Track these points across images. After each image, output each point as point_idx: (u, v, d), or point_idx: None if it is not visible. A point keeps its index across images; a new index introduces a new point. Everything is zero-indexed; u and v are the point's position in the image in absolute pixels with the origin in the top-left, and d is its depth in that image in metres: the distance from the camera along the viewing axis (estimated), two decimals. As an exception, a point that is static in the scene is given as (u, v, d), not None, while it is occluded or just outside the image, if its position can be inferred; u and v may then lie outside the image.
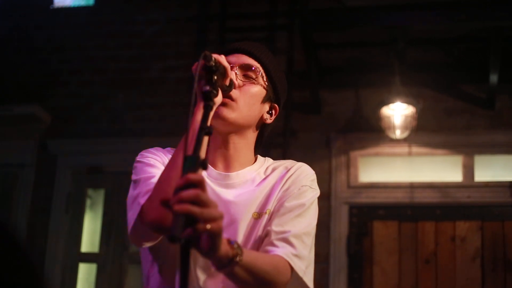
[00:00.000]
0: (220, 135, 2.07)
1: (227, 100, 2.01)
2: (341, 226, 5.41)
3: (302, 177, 2.09)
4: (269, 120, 2.16)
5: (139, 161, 2.07)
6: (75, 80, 6.21)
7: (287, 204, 2.02)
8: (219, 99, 1.89)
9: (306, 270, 1.97)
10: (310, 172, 2.12)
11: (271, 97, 2.15)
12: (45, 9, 6.50)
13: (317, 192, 2.10)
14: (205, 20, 6.15)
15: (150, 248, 2.03)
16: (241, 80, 2.08)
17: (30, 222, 5.77)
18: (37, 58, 6.31)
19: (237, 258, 1.75)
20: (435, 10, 5.07)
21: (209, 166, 2.08)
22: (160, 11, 6.27)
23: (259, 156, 2.19)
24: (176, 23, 6.21)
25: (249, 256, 1.80)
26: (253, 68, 2.10)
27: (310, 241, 2.01)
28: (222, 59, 1.92)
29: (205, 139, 1.70)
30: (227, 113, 2.02)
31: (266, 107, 2.14)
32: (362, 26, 5.30)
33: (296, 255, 1.95)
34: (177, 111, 5.76)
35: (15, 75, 6.27)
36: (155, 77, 6.07)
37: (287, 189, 2.06)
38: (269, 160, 2.19)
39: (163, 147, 2.15)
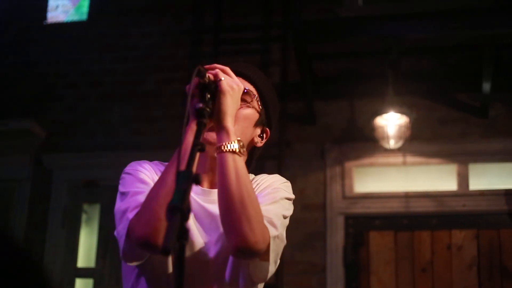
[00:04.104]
0: (209, 157, 2.05)
1: None
2: (337, 237, 5.42)
3: (275, 181, 2.11)
4: (259, 143, 2.15)
5: (128, 173, 2.06)
6: (70, 94, 6.22)
7: (261, 197, 2.02)
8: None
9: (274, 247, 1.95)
10: (283, 180, 2.13)
11: (264, 121, 2.13)
12: (39, 24, 6.52)
13: (290, 195, 2.10)
14: (200, 33, 6.17)
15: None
16: None
17: (26, 237, 5.77)
18: (32, 72, 6.33)
19: (240, 145, 1.91)
20: (428, 19, 5.10)
21: None
22: (155, 24, 6.29)
23: None
24: (171, 36, 6.24)
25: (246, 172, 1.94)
26: (248, 91, 2.08)
27: (280, 223, 1.98)
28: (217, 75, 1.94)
29: (197, 155, 1.71)
30: None
31: (258, 130, 2.13)
32: (355, 37, 5.33)
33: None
34: (173, 124, 5.77)
35: (10, 90, 6.28)
36: (150, 90, 6.09)
37: (261, 191, 2.06)
38: (251, 176, 2.17)
39: (159, 160, 2.15)
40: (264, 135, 2.16)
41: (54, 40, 6.44)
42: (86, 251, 5.89)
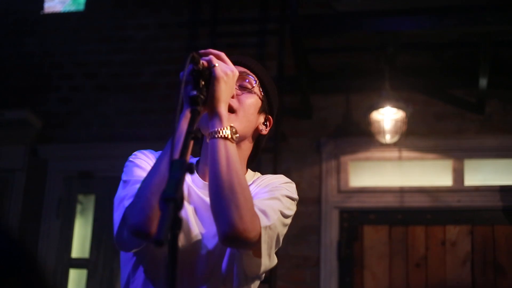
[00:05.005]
0: None
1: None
2: (331, 231, 5.42)
3: (278, 180, 2.09)
4: (264, 131, 2.14)
5: (131, 161, 2.06)
6: (66, 85, 6.21)
7: (261, 194, 2.01)
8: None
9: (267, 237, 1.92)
10: (287, 180, 2.12)
11: (266, 108, 2.14)
12: (36, 14, 6.50)
13: (293, 195, 2.08)
14: (196, 26, 6.16)
15: (135, 251, 2.02)
16: (237, 90, 2.08)
17: (20, 227, 5.76)
18: (28, 63, 6.31)
19: (232, 132, 1.89)
20: (424, 15, 5.09)
21: (198, 176, 2.08)
22: (151, 16, 6.28)
23: (249, 170, 2.18)
24: (168, 28, 6.22)
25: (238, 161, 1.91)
26: (248, 79, 2.09)
27: (276, 218, 1.95)
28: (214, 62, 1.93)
29: (191, 143, 1.70)
30: None
31: (262, 118, 2.13)
32: (352, 31, 5.31)
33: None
34: (168, 116, 5.77)
35: (6, 80, 6.27)
36: (146, 82, 6.08)
37: (264, 187, 2.05)
38: (257, 175, 2.18)
39: (151, 150, 2.14)
40: (268, 123, 2.16)
41: (50, 30, 6.42)
42: (80, 242, 5.88)
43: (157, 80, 6.06)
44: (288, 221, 2.04)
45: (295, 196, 2.10)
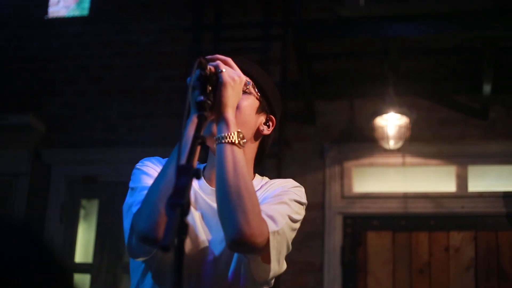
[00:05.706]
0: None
1: None
2: (335, 237, 5.42)
3: (287, 185, 2.08)
4: (266, 131, 2.10)
5: (138, 169, 2.05)
6: (70, 89, 6.21)
7: (269, 198, 1.99)
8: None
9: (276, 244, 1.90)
10: (296, 184, 2.10)
11: (266, 108, 2.11)
12: (40, 19, 6.51)
13: (302, 199, 2.07)
14: (200, 30, 6.17)
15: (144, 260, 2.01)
16: None
17: (24, 232, 5.75)
18: (32, 67, 6.32)
19: (239, 137, 1.88)
20: (428, 20, 5.09)
21: (205, 182, 2.07)
22: (155, 21, 6.28)
23: (257, 175, 2.16)
24: (171, 33, 6.23)
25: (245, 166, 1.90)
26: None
27: (284, 222, 1.93)
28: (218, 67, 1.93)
29: (198, 149, 1.70)
30: None
31: (262, 118, 2.10)
32: (355, 37, 5.31)
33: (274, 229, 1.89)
34: (172, 121, 5.77)
35: (10, 84, 6.27)
36: (150, 87, 6.08)
37: (272, 192, 2.03)
38: (265, 179, 2.16)
39: (158, 157, 2.14)
40: (270, 123, 2.12)
41: (54, 35, 6.43)
42: (83, 246, 5.88)
43: (161, 85, 6.06)
44: (297, 225, 2.03)
45: (304, 200, 2.08)
